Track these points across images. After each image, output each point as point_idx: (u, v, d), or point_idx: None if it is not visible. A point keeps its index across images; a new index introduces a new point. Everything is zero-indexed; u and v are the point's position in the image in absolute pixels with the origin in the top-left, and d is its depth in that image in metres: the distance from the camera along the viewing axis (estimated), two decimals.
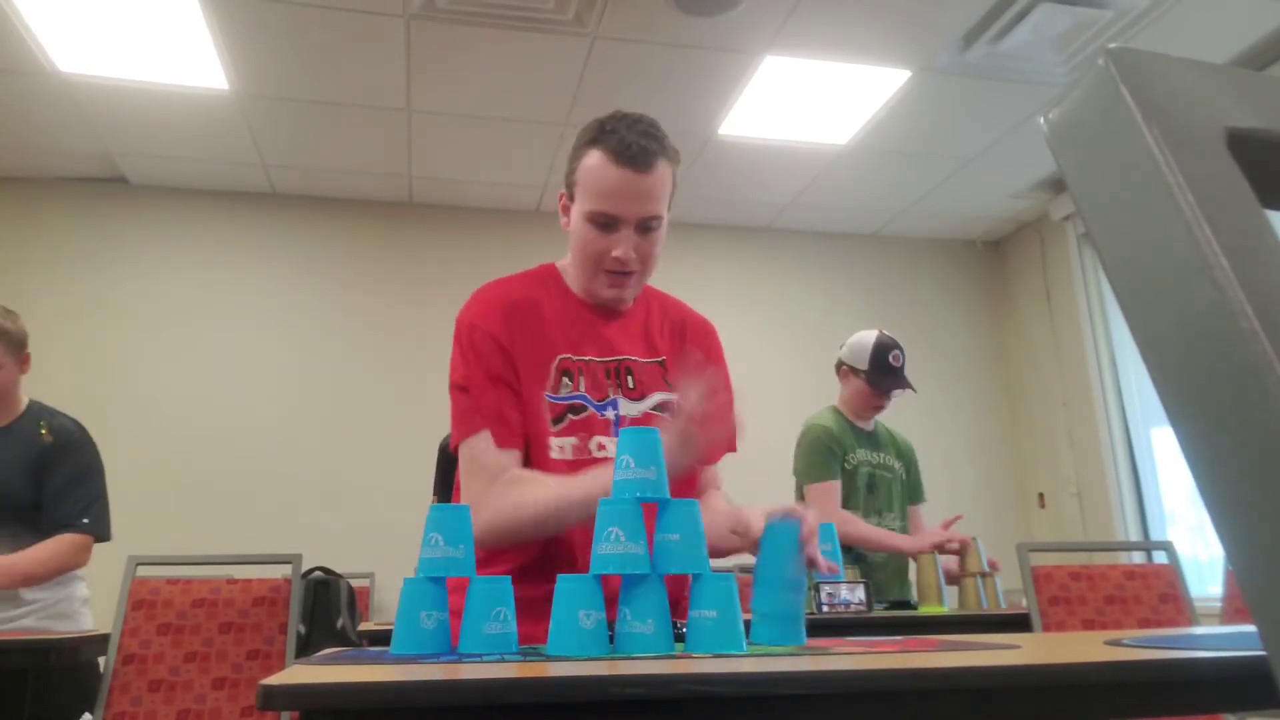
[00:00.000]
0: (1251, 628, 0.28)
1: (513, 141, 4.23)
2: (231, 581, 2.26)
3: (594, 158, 1.32)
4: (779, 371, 5.04)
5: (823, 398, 3.10)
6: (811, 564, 1.08)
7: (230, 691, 2.11)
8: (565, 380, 1.35)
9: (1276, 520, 0.26)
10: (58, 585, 2.36)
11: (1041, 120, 0.37)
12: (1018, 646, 0.97)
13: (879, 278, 5.43)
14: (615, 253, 1.34)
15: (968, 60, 3.69)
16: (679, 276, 5.15)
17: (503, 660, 0.88)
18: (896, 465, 2.94)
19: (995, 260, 5.62)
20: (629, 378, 1.38)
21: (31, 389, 2.51)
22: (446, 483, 2.85)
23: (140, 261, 4.59)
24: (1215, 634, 1.24)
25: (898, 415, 3.08)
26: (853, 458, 2.86)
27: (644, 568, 0.97)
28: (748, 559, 1.18)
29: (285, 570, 2.27)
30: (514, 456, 1.32)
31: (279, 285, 4.72)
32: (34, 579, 2.28)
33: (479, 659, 0.89)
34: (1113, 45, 0.35)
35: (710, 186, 4.77)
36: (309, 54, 3.58)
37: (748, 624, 1.05)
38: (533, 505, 1.25)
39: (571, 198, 1.38)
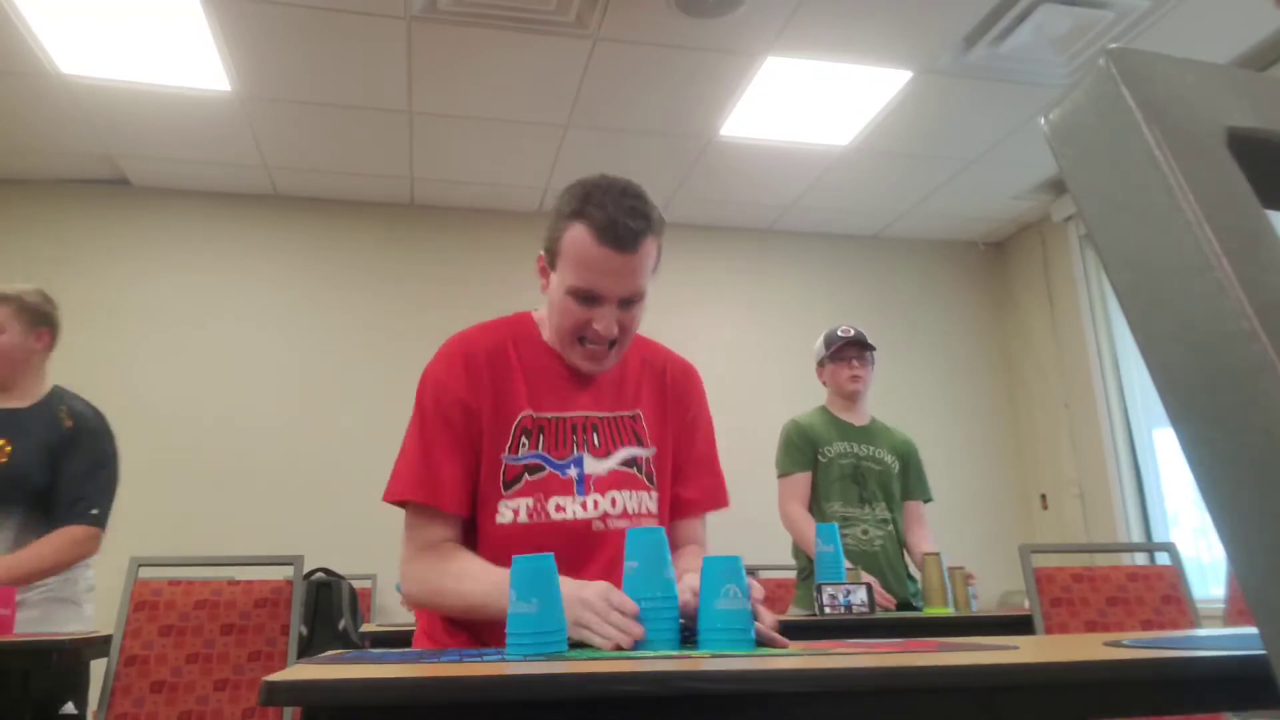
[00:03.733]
0: (1253, 629, 0.28)
1: (514, 143, 4.23)
2: (233, 583, 2.26)
3: (578, 232, 1.27)
4: (780, 373, 5.03)
5: (823, 399, 3.12)
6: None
7: (232, 693, 2.12)
8: (524, 440, 1.31)
9: (1277, 520, 0.26)
10: (66, 569, 2.36)
11: (1042, 121, 0.37)
12: (1017, 648, 0.97)
13: (881, 279, 5.43)
14: (597, 326, 1.30)
15: (969, 61, 3.69)
16: (680, 279, 5.18)
17: (503, 659, 0.88)
18: (889, 459, 2.98)
19: (997, 261, 5.61)
20: (594, 434, 1.34)
21: None
22: None
23: (142, 263, 4.60)
24: (1214, 635, 1.24)
25: (900, 415, 3.09)
26: (829, 450, 2.94)
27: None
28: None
29: (287, 572, 2.27)
30: (454, 526, 1.31)
31: (281, 286, 4.72)
32: (38, 575, 2.28)
33: (479, 657, 0.89)
34: (1113, 46, 0.35)
35: (712, 188, 4.77)
36: (311, 56, 3.58)
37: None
38: (456, 595, 1.25)
39: (552, 265, 1.34)
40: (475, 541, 1.31)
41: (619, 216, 1.25)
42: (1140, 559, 4.20)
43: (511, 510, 1.29)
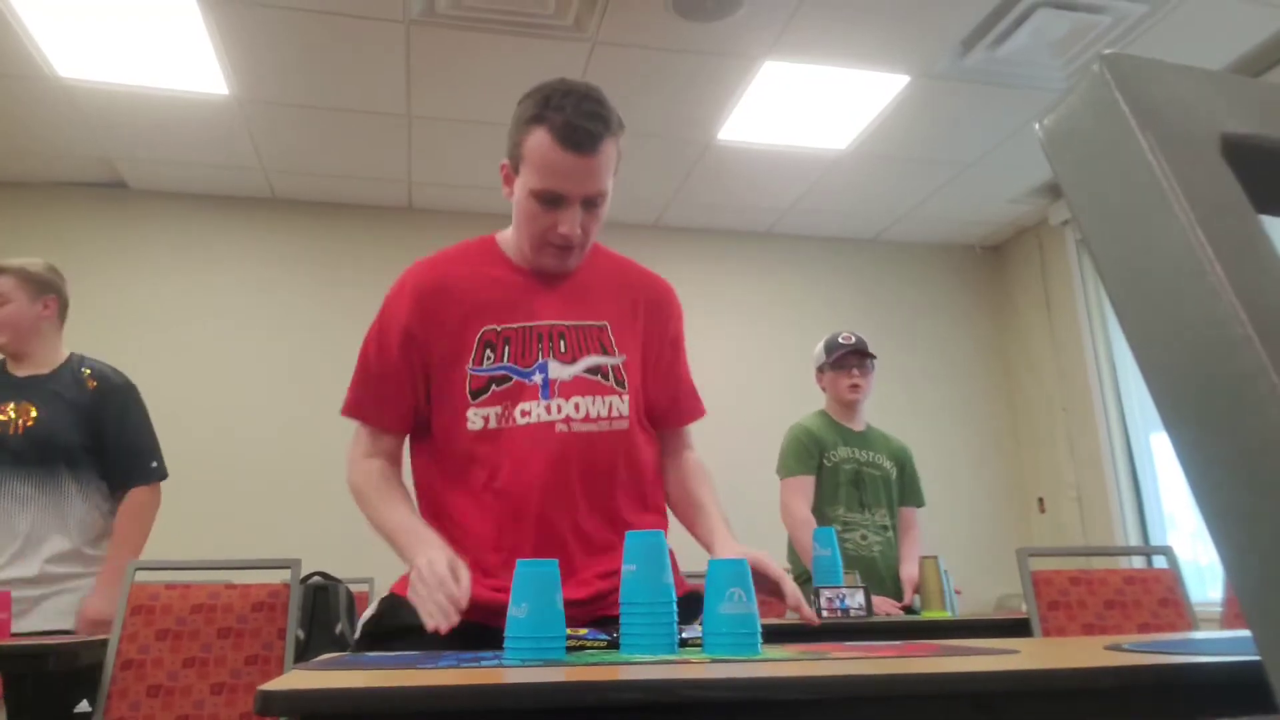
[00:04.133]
0: (1250, 632, 0.28)
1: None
2: (230, 586, 2.25)
3: (539, 137, 1.32)
4: (779, 376, 5.03)
5: (822, 402, 3.11)
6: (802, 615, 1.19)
7: (229, 697, 2.11)
8: (488, 352, 1.37)
9: (1271, 526, 0.26)
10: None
11: (1037, 126, 0.37)
12: (1016, 651, 0.97)
13: (878, 282, 5.43)
14: (561, 229, 1.35)
15: (966, 65, 3.70)
16: (677, 281, 5.15)
17: (501, 664, 0.87)
18: (887, 465, 2.99)
19: (994, 265, 5.62)
20: (561, 341, 1.39)
21: None
22: None
23: (140, 266, 4.60)
24: (1214, 639, 1.24)
25: (897, 419, 3.10)
26: (833, 455, 2.94)
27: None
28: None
29: (284, 575, 2.27)
30: (394, 439, 1.47)
31: (279, 290, 4.72)
32: (138, 553, 2.41)
33: (477, 663, 0.89)
34: (1108, 51, 0.35)
35: (709, 192, 4.77)
36: (309, 59, 3.58)
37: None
38: (369, 506, 1.43)
39: (515, 170, 1.38)
40: (445, 445, 1.39)
41: (578, 120, 1.29)
42: (1138, 562, 4.20)
43: (481, 418, 1.35)
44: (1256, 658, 0.27)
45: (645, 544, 1.03)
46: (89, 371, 2.50)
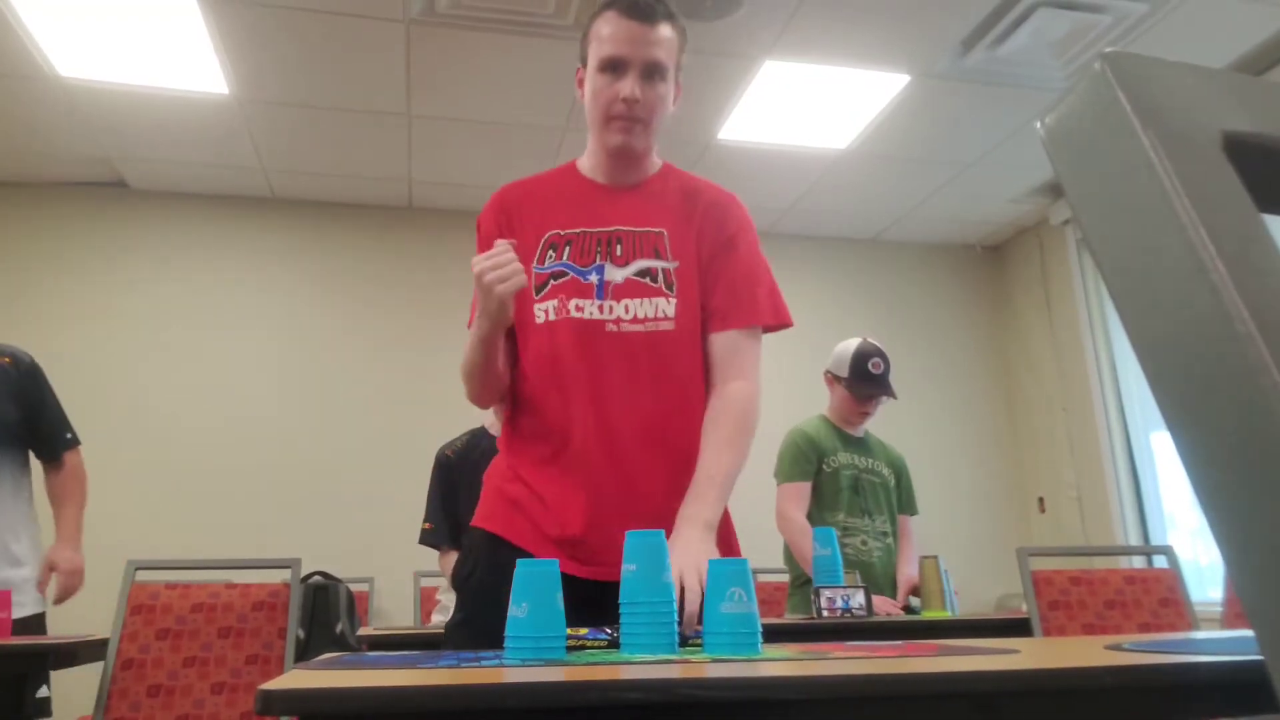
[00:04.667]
0: (1251, 632, 0.28)
1: (513, 146, 4.23)
2: (230, 586, 2.25)
3: (605, 17, 1.46)
4: (778, 375, 5.03)
5: (822, 403, 3.10)
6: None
7: (229, 696, 2.11)
8: (550, 253, 1.48)
9: (1273, 524, 0.26)
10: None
11: (1038, 125, 0.37)
12: (1017, 651, 0.97)
13: (878, 282, 5.43)
14: (623, 94, 1.43)
15: (967, 65, 3.70)
16: None
17: (501, 664, 0.87)
18: (886, 472, 2.98)
19: (995, 265, 5.62)
20: (618, 246, 1.47)
21: None
22: (449, 499, 2.84)
23: (140, 265, 4.60)
24: (1215, 638, 1.24)
25: (897, 419, 3.09)
26: (833, 460, 2.91)
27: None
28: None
29: (284, 575, 2.27)
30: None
31: (279, 290, 4.72)
32: (84, 507, 2.52)
33: (477, 663, 0.89)
34: (1109, 50, 0.35)
35: None
36: (309, 59, 3.58)
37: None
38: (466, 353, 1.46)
39: (584, 61, 1.51)
40: (521, 340, 1.48)
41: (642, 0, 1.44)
42: (1138, 562, 4.20)
43: (543, 311, 1.45)
44: (1258, 657, 0.27)
45: (645, 544, 1.03)
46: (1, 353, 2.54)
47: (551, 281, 1.47)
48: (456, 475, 2.82)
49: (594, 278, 1.46)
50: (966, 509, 5.07)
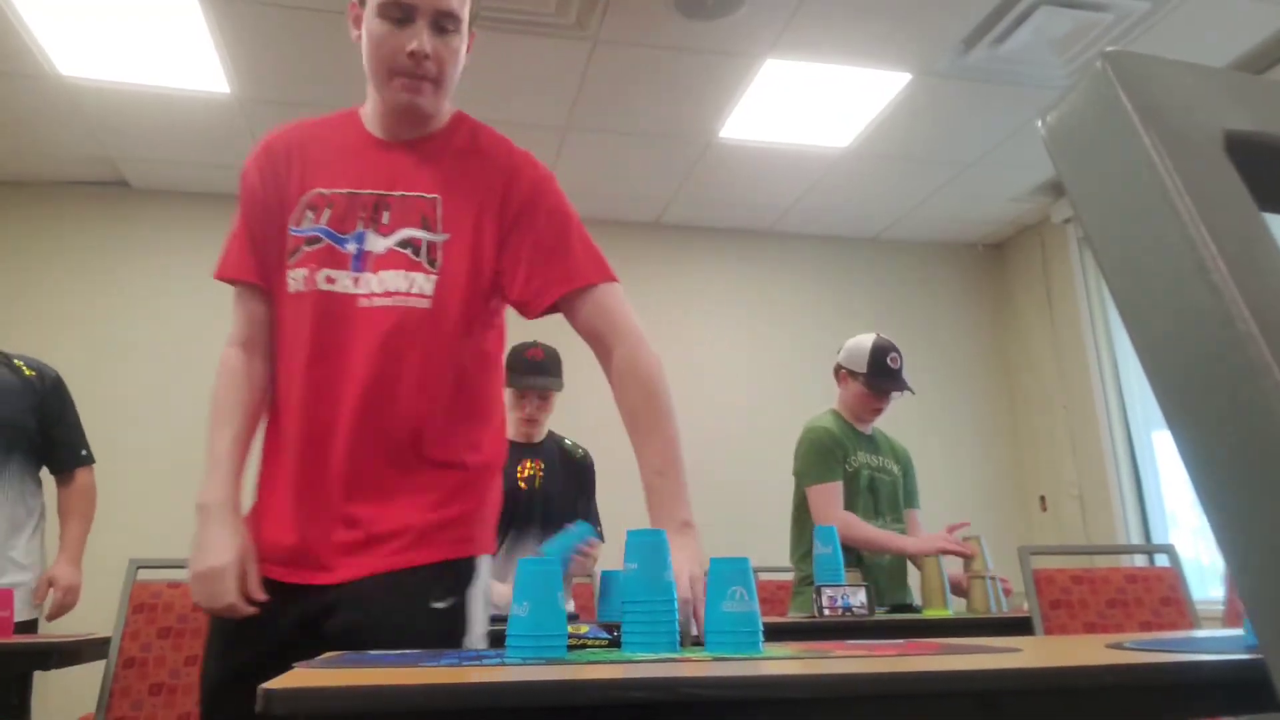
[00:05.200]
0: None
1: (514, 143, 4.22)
2: None
3: None
4: (779, 375, 5.04)
5: (824, 401, 3.10)
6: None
7: None
8: (309, 214, 1.34)
9: (1274, 524, 0.26)
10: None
11: (1039, 123, 0.37)
12: (1019, 650, 0.97)
13: (880, 281, 5.43)
14: (411, 46, 1.28)
15: (968, 63, 3.69)
16: (678, 280, 5.18)
17: (503, 663, 0.88)
18: (894, 469, 2.95)
19: (996, 263, 5.62)
20: (385, 213, 1.32)
21: None
22: None
23: (141, 265, 4.60)
24: (1215, 637, 1.24)
25: (898, 419, 3.08)
26: (854, 460, 2.85)
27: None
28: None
29: None
30: (254, 309, 1.40)
31: None
32: (89, 527, 2.59)
33: (479, 661, 0.89)
34: (1110, 49, 0.35)
35: (711, 190, 4.77)
36: (310, 58, 3.58)
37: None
38: (210, 424, 1.35)
39: (362, 2, 1.33)
40: (276, 307, 1.38)
41: None
42: (1139, 561, 4.19)
43: (294, 280, 1.32)
44: (1258, 656, 0.27)
45: (646, 542, 1.03)
46: (22, 362, 2.56)
47: (305, 248, 1.32)
48: None
49: (352, 246, 1.31)
50: (968, 507, 5.06)
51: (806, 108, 4.00)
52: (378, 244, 1.31)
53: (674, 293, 5.02)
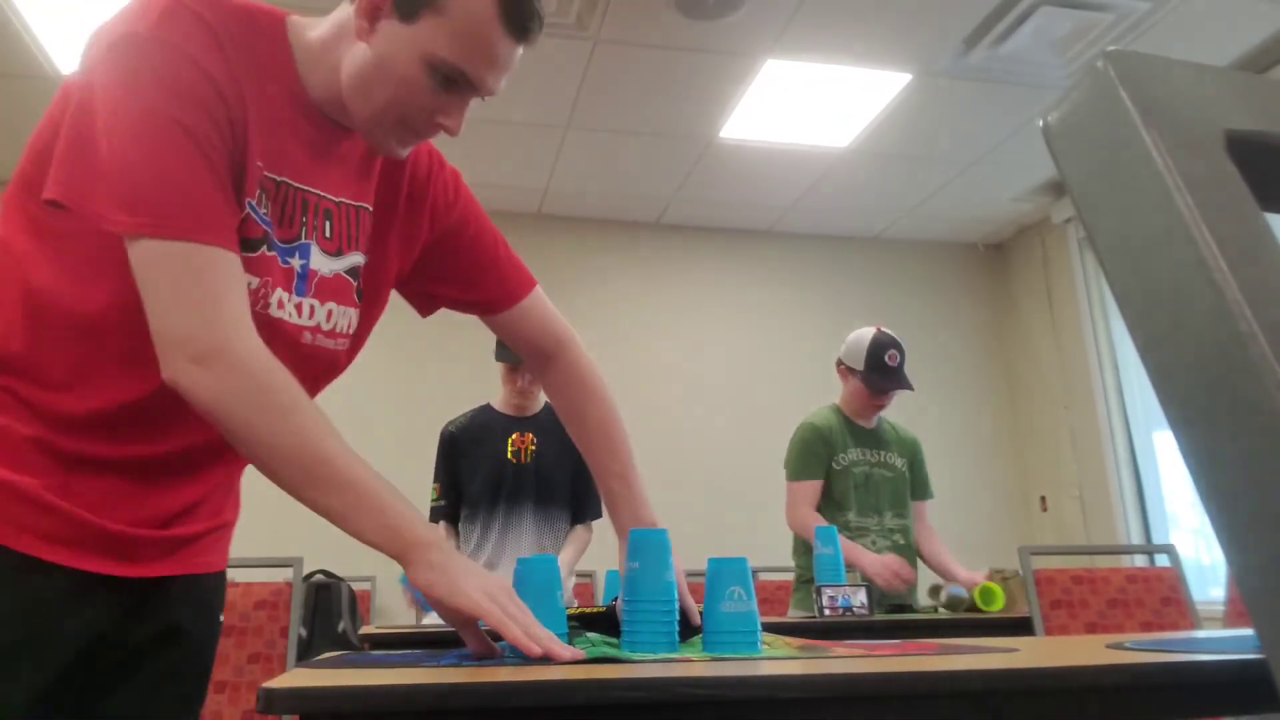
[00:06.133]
0: (1253, 631, 0.28)
1: (513, 144, 4.23)
2: (232, 585, 2.25)
3: (482, 3, 0.94)
4: (780, 375, 5.03)
5: (824, 401, 3.09)
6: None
7: (231, 695, 2.11)
8: (263, 197, 0.96)
9: (1275, 524, 0.26)
10: None
11: (1041, 122, 0.37)
12: (1017, 650, 0.97)
13: (881, 281, 5.43)
14: (444, 120, 1.01)
15: (969, 63, 3.69)
16: (679, 280, 5.18)
17: (503, 663, 0.88)
18: (899, 463, 2.91)
19: (997, 263, 5.62)
20: (327, 223, 1.03)
21: None
22: (451, 474, 2.84)
23: None
24: (1216, 637, 1.24)
25: (899, 417, 3.08)
26: (844, 457, 2.84)
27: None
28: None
29: (286, 574, 2.27)
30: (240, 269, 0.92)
31: None
32: None
33: (479, 662, 0.89)
34: (1111, 48, 0.35)
35: (711, 190, 4.77)
36: None
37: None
38: (285, 435, 0.89)
39: (411, 15, 0.94)
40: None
41: (534, 3, 0.98)
42: (1140, 561, 4.20)
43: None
44: (1260, 656, 0.27)
45: (647, 541, 1.03)
46: None
47: (263, 249, 0.96)
48: (459, 448, 2.77)
49: (296, 262, 1.00)
50: (968, 507, 5.06)
51: (806, 108, 4.00)
52: (324, 264, 1.03)
53: (674, 292, 5.02)
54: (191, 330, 0.87)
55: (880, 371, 2.81)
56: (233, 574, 2.73)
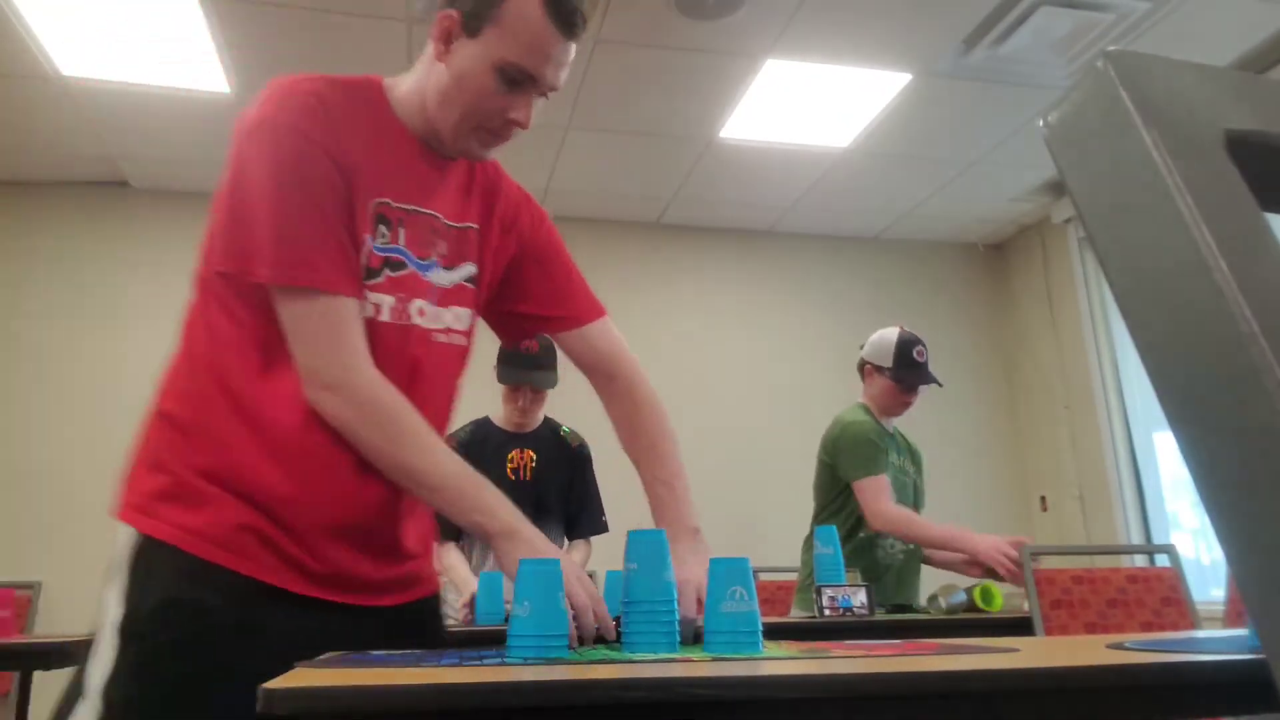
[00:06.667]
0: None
1: (513, 144, 4.20)
2: None
3: (530, 4, 1.12)
4: (781, 375, 5.03)
5: (824, 401, 3.09)
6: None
7: None
8: (383, 229, 1.15)
9: (1275, 524, 0.26)
10: None
11: (1041, 122, 0.37)
12: (1017, 650, 0.97)
13: (881, 281, 5.43)
14: (514, 115, 1.20)
15: (969, 63, 3.69)
16: (679, 280, 5.18)
17: (503, 663, 0.88)
18: (911, 469, 2.93)
19: (997, 263, 5.62)
20: (443, 242, 1.23)
21: (33, 392, 2.52)
22: None
23: (142, 265, 4.60)
24: (1216, 637, 1.24)
25: (900, 419, 3.08)
26: (885, 457, 2.82)
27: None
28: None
29: None
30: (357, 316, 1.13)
31: None
32: None
33: (479, 661, 0.89)
34: (1111, 48, 0.35)
35: (711, 190, 4.77)
36: (310, 58, 3.58)
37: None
38: (403, 436, 1.10)
39: (472, 31, 1.13)
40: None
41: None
42: (1140, 561, 4.19)
43: (373, 305, 1.14)
44: (1260, 656, 0.27)
45: (647, 542, 1.03)
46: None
47: (387, 271, 1.16)
48: (468, 459, 2.76)
49: (428, 274, 1.20)
50: (968, 507, 5.06)
51: (806, 108, 4.00)
52: (443, 277, 1.23)
53: (674, 293, 5.02)
54: (319, 363, 1.10)
55: (910, 367, 2.81)
56: None
